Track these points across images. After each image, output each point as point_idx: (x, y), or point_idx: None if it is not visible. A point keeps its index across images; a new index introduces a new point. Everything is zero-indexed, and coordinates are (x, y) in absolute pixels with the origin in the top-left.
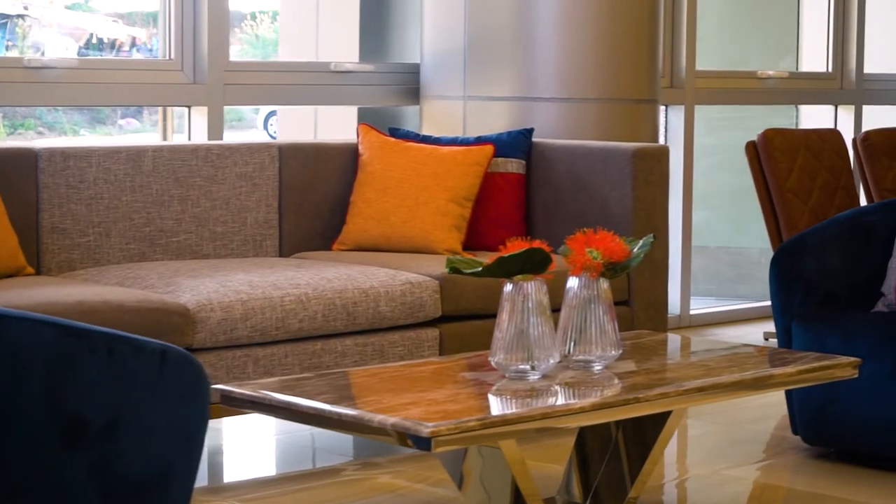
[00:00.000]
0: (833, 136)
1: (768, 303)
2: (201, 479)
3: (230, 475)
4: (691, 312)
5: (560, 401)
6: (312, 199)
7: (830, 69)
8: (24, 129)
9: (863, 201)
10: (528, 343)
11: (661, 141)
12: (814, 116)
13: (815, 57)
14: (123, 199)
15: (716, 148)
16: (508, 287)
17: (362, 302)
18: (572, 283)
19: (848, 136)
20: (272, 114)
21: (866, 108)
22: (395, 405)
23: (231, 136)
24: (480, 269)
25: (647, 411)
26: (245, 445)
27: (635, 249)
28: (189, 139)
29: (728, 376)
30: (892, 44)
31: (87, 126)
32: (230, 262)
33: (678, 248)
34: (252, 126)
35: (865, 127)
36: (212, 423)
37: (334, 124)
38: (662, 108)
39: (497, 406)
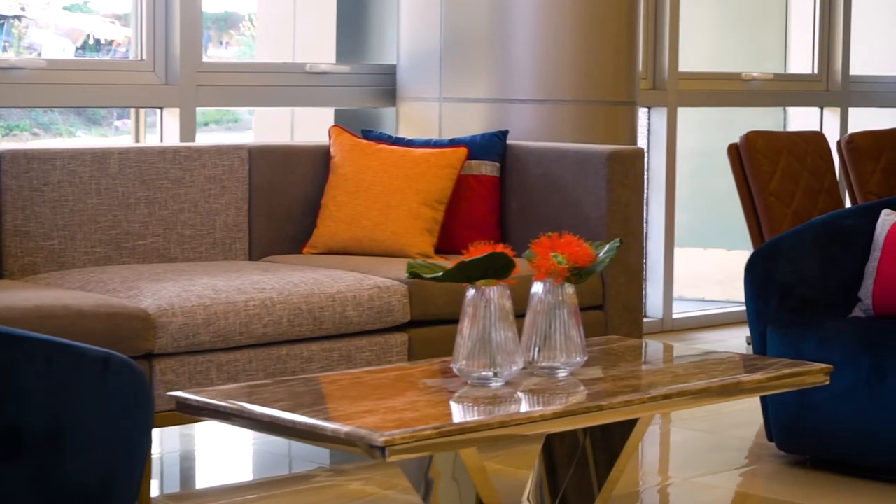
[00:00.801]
0: (816, 138)
1: None
2: (173, 485)
3: (202, 481)
4: (674, 316)
5: (521, 408)
6: (283, 202)
7: (816, 71)
8: (20, 131)
9: (847, 204)
10: (490, 349)
11: (644, 143)
12: (802, 118)
13: (804, 58)
14: (89, 201)
15: (705, 150)
16: (471, 292)
17: (329, 306)
18: (537, 288)
19: (834, 139)
20: None
21: (852, 111)
22: (352, 413)
23: (227, 138)
24: (441, 274)
25: (610, 419)
26: (219, 451)
27: (601, 254)
28: (161, 141)
29: (695, 383)
30: (878, 45)
31: (83, 127)
32: (195, 265)
33: (660, 252)
34: (248, 128)
35: (852, 129)
36: (183, 429)
37: (312, 126)
38: (645, 110)
39: (455, 414)
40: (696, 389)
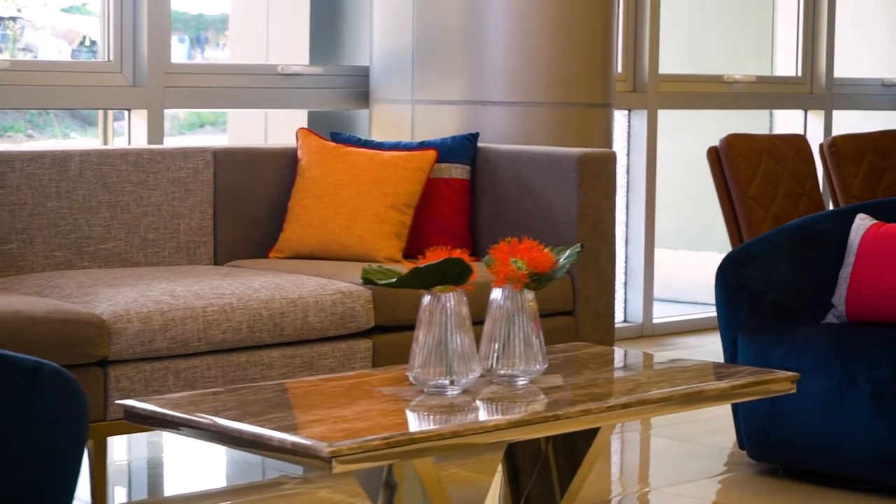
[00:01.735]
0: (798, 141)
1: None
2: (140, 493)
3: (170, 489)
4: (654, 321)
5: (474, 418)
6: (249, 206)
7: (800, 73)
8: (14, 132)
9: (830, 208)
10: (447, 357)
11: (624, 146)
12: (788, 121)
13: (791, 61)
14: (48, 205)
15: (699, 152)
16: (426, 298)
17: (290, 312)
18: (496, 294)
19: (818, 142)
20: None
21: (836, 113)
22: (301, 422)
23: (221, 140)
24: (395, 279)
25: (567, 429)
26: (189, 458)
27: (561, 259)
28: (129, 143)
29: (656, 392)
30: (863, 48)
31: (78, 129)
32: (155, 270)
33: (640, 256)
34: None
35: (836, 132)
36: (150, 436)
37: (287, 129)
38: (625, 112)
39: (407, 424)
40: (657, 398)
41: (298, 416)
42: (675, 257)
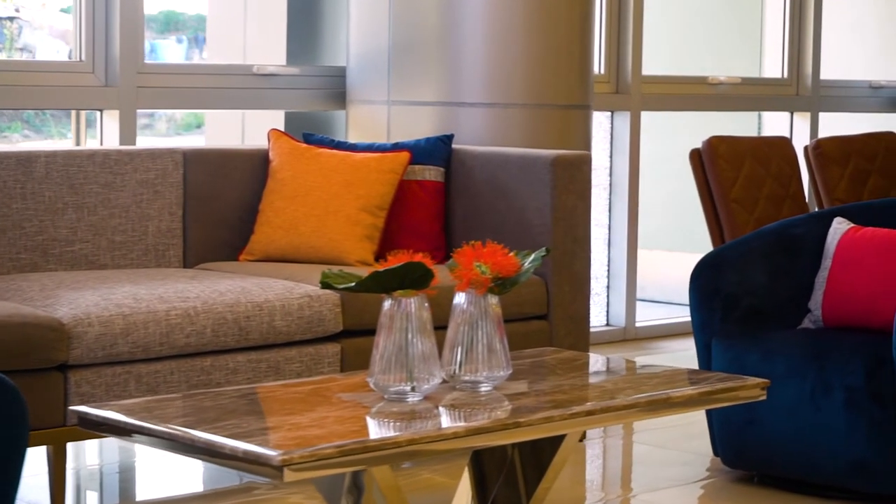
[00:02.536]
0: (781, 143)
1: None
2: (112, 498)
3: (141, 493)
4: (637, 324)
5: (433, 425)
6: (219, 208)
7: (786, 75)
8: (11, 133)
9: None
10: (407, 362)
11: (607, 148)
12: (775, 123)
13: (777, 62)
14: (14, 206)
15: (680, 154)
16: (387, 303)
17: (255, 316)
18: (459, 298)
19: (804, 144)
20: None
21: (825, 116)
22: (254, 430)
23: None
24: (354, 284)
25: (529, 436)
26: (161, 462)
27: (525, 264)
28: (101, 144)
29: (621, 399)
30: (850, 49)
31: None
32: (120, 273)
33: (623, 259)
34: None
35: (822, 134)
36: (121, 441)
37: (265, 130)
38: (608, 114)
39: (363, 431)
40: (621, 405)
41: (253, 423)
42: (670, 259)
